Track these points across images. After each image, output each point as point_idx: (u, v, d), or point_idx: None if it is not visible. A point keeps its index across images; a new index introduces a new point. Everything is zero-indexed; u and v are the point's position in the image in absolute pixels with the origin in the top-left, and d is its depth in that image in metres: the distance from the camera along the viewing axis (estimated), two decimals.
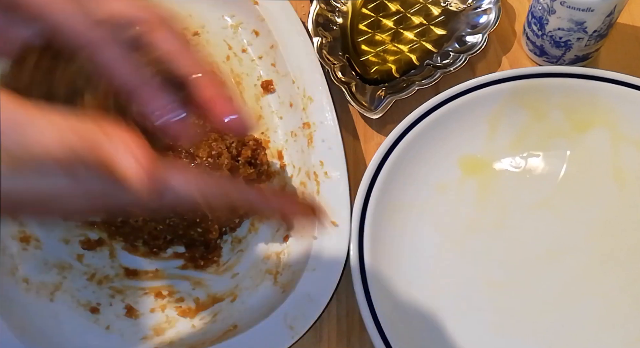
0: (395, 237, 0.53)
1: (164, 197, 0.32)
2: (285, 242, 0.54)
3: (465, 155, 0.57)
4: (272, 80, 0.60)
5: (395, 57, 0.61)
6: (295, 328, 0.48)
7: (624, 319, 0.51)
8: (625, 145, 0.56)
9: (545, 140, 0.57)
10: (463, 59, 0.59)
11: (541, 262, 0.53)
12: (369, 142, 0.59)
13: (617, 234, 0.54)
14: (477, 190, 0.56)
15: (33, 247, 0.54)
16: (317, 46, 0.59)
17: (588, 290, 0.52)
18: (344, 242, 0.51)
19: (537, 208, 0.55)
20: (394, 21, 0.63)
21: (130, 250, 0.55)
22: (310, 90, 0.56)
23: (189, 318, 0.52)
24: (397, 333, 0.48)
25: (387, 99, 0.58)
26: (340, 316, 0.53)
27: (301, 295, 0.50)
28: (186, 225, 0.52)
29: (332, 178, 0.53)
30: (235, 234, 0.56)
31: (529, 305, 0.52)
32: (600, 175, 0.56)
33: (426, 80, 0.58)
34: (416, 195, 0.55)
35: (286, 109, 0.59)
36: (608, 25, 0.56)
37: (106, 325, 0.52)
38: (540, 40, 0.59)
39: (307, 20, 0.61)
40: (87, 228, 0.55)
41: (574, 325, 0.51)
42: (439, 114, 0.55)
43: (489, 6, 0.61)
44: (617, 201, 0.55)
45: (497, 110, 0.56)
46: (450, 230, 0.55)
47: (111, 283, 0.54)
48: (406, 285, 0.52)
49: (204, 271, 0.54)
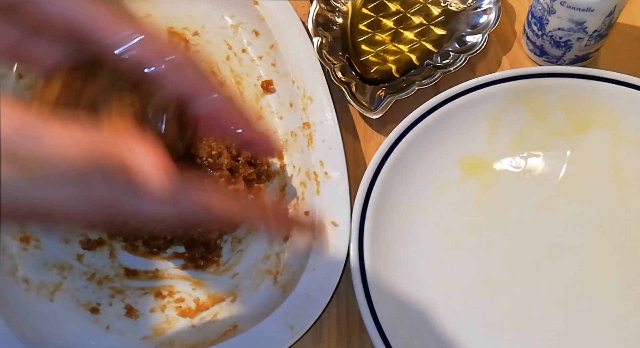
0: (395, 237, 0.53)
1: (179, 206, 0.32)
2: (285, 242, 0.54)
3: (465, 155, 0.57)
4: (272, 80, 0.60)
5: (395, 57, 0.61)
6: (295, 328, 0.48)
7: (624, 319, 0.51)
8: (625, 145, 0.56)
9: (545, 140, 0.57)
10: (463, 59, 0.59)
11: (541, 262, 0.53)
12: (369, 142, 0.59)
13: (617, 234, 0.54)
14: (477, 190, 0.56)
15: (33, 247, 0.54)
16: (317, 46, 0.59)
17: (588, 289, 0.52)
18: (344, 242, 0.51)
19: (537, 208, 0.55)
20: (394, 21, 0.63)
21: (130, 250, 0.55)
22: (310, 90, 0.57)
23: (189, 318, 0.52)
24: (397, 333, 0.48)
25: (387, 99, 0.58)
26: (340, 316, 0.53)
27: (301, 295, 0.50)
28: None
29: (332, 178, 0.53)
30: (235, 234, 0.56)
31: (529, 304, 0.52)
32: (600, 175, 0.56)
33: (426, 80, 0.58)
34: (416, 195, 0.55)
35: (286, 109, 0.59)
36: (608, 25, 0.56)
37: (106, 325, 0.52)
38: (540, 40, 0.59)
39: (307, 20, 0.61)
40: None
41: (574, 325, 0.51)
42: (439, 114, 0.55)
43: (489, 6, 0.61)
44: (617, 201, 0.55)
45: (497, 110, 0.56)
46: (450, 230, 0.55)
47: (111, 283, 0.54)
48: (406, 285, 0.52)
49: (204, 271, 0.54)
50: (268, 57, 0.60)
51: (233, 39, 0.62)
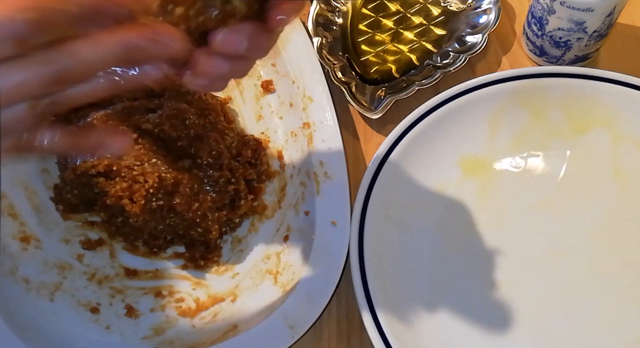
0: (395, 237, 0.53)
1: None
2: (285, 242, 0.54)
3: (465, 155, 0.57)
4: (272, 80, 0.60)
5: (395, 57, 0.61)
6: (295, 328, 0.48)
7: (625, 319, 0.51)
8: (625, 145, 0.56)
9: (545, 140, 0.57)
10: (463, 59, 0.59)
11: (541, 261, 0.53)
12: (369, 142, 0.59)
13: (617, 234, 0.54)
14: (477, 190, 0.56)
15: (33, 247, 0.54)
16: (317, 46, 0.59)
17: (588, 289, 0.52)
18: (344, 242, 0.51)
19: (537, 208, 0.55)
20: (394, 21, 0.63)
21: (130, 250, 0.55)
22: (310, 90, 0.57)
23: (189, 318, 0.52)
24: (397, 333, 0.48)
25: (387, 99, 0.58)
26: (340, 316, 0.53)
27: (301, 295, 0.50)
28: (186, 225, 0.52)
29: (332, 178, 0.53)
30: (235, 234, 0.56)
31: (528, 304, 0.52)
32: (600, 175, 0.56)
33: (426, 80, 0.58)
34: (416, 195, 0.55)
35: (286, 109, 0.59)
36: (608, 25, 0.56)
37: (106, 325, 0.52)
38: (540, 40, 0.59)
39: (307, 20, 0.61)
40: (87, 228, 0.55)
41: (574, 324, 0.51)
42: (439, 114, 0.55)
43: (489, 6, 0.61)
44: (617, 201, 0.55)
45: (497, 110, 0.56)
46: (450, 230, 0.55)
47: (111, 283, 0.54)
48: (406, 285, 0.52)
49: (204, 271, 0.54)
50: (268, 57, 0.60)
51: None
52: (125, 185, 0.50)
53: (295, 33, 0.59)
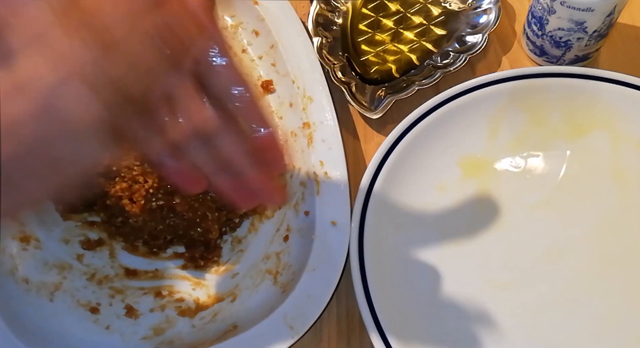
0: (395, 237, 0.53)
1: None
2: (285, 242, 0.54)
3: (465, 155, 0.57)
4: (272, 80, 0.60)
5: (395, 57, 0.61)
6: (295, 328, 0.48)
7: (625, 319, 0.51)
8: (625, 145, 0.56)
9: (546, 140, 0.57)
10: (463, 59, 0.59)
11: (541, 262, 0.53)
12: (369, 142, 0.59)
13: (618, 234, 0.54)
14: (477, 190, 0.56)
15: (33, 247, 0.54)
16: (317, 46, 0.59)
17: (588, 290, 0.52)
18: (344, 242, 0.51)
19: (537, 209, 0.55)
20: (394, 21, 0.63)
21: (130, 250, 0.55)
22: (310, 90, 0.56)
23: (189, 318, 0.52)
24: (397, 333, 0.48)
25: (387, 99, 0.58)
26: (340, 316, 0.53)
27: (301, 295, 0.50)
28: (186, 225, 0.52)
29: (332, 178, 0.53)
30: (235, 234, 0.56)
31: (529, 305, 0.52)
32: (600, 175, 0.56)
33: (426, 80, 0.58)
34: (416, 195, 0.55)
35: (286, 109, 0.59)
36: (608, 25, 0.56)
37: (106, 325, 0.52)
38: (540, 40, 0.59)
39: (307, 20, 0.61)
40: (87, 228, 0.55)
41: (575, 325, 0.51)
42: (439, 114, 0.55)
43: (489, 6, 0.61)
44: (618, 201, 0.55)
45: (497, 110, 0.56)
46: (451, 230, 0.55)
47: (111, 283, 0.54)
48: (406, 285, 0.52)
49: (203, 271, 0.54)
50: (268, 57, 0.60)
51: (233, 39, 0.62)
52: (125, 185, 0.50)
53: (295, 33, 0.59)
